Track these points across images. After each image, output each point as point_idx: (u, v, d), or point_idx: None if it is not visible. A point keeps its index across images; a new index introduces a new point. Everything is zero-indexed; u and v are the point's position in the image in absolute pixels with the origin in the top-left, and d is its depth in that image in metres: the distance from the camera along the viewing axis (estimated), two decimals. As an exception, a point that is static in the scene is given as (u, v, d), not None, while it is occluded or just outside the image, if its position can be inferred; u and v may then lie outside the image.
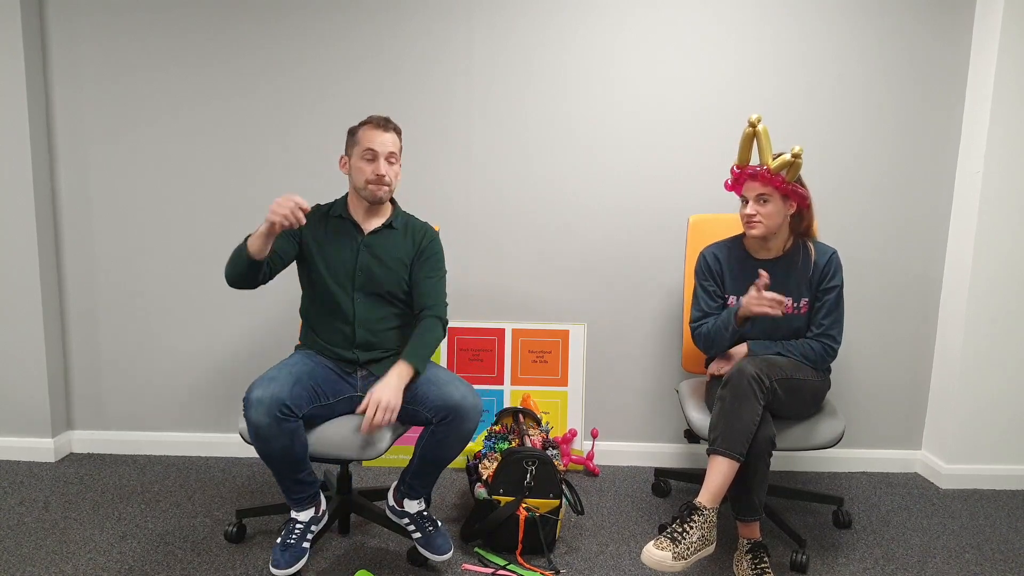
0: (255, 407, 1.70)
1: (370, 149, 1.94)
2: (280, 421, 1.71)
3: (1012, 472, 2.59)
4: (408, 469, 1.94)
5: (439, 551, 1.91)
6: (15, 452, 2.66)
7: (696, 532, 1.71)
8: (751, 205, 1.97)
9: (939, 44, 2.51)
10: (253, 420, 1.70)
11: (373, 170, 1.94)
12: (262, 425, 1.70)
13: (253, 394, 1.71)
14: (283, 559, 1.81)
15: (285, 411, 1.72)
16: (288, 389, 1.75)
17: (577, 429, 2.68)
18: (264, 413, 1.70)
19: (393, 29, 2.53)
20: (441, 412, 1.82)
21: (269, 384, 1.74)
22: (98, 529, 2.13)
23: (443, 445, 1.85)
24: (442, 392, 1.84)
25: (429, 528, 1.94)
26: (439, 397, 1.84)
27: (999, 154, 2.43)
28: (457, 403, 1.82)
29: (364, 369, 2.01)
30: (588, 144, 2.59)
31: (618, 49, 2.53)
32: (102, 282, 2.67)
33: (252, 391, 1.72)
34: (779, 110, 2.55)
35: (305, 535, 1.86)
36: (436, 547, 1.92)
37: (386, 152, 1.95)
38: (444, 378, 1.89)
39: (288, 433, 1.73)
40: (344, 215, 2.02)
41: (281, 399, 1.72)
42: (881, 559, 2.05)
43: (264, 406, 1.70)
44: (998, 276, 2.49)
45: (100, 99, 2.57)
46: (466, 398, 1.84)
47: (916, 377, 2.69)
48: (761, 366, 1.84)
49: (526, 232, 2.64)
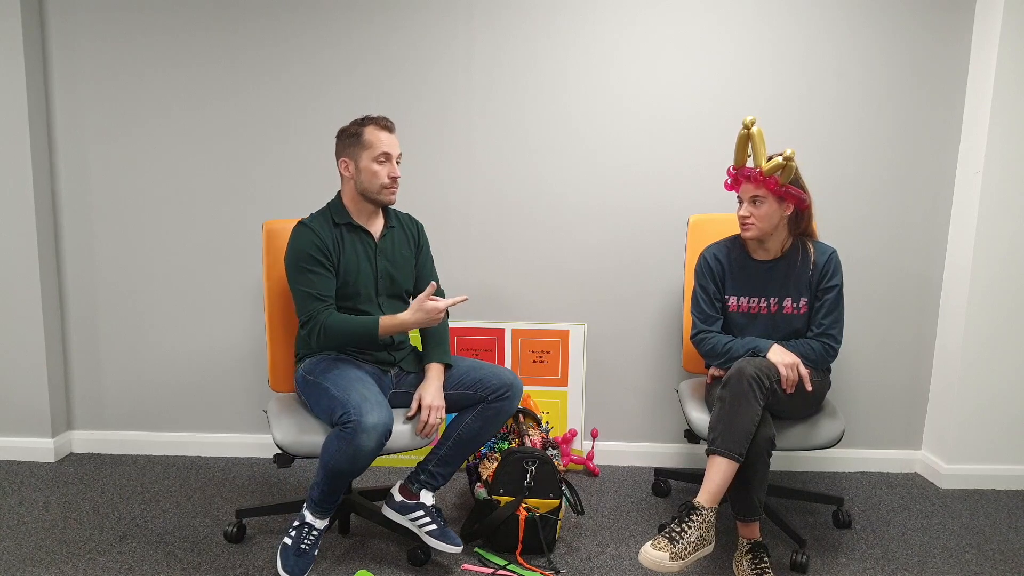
0: (369, 433, 1.68)
1: (384, 152, 1.92)
2: (382, 446, 1.74)
3: (1012, 472, 2.59)
4: (431, 458, 1.98)
5: (454, 542, 1.93)
6: (15, 452, 2.66)
7: (694, 532, 1.71)
8: (745, 207, 1.98)
9: (939, 44, 2.51)
10: (362, 445, 1.69)
11: (388, 172, 1.93)
12: (369, 450, 1.70)
13: (367, 420, 1.69)
14: (297, 566, 1.82)
15: (389, 436, 1.75)
16: (391, 413, 1.78)
17: (577, 429, 2.68)
18: (376, 439, 1.70)
19: (393, 29, 2.53)
20: (500, 389, 1.96)
21: (380, 410, 1.73)
22: (98, 529, 2.13)
23: (490, 422, 1.96)
24: (496, 372, 2.00)
25: (440, 521, 1.96)
26: (495, 376, 1.98)
27: (999, 154, 2.43)
28: (511, 381, 1.99)
29: (396, 367, 2.07)
30: (588, 144, 2.59)
31: (618, 49, 2.53)
32: (102, 282, 2.67)
33: (364, 416, 1.69)
34: (779, 110, 2.55)
35: (318, 542, 1.88)
36: (450, 538, 1.93)
37: (397, 154, 1.96)
38: (489, 364, 2.06)
39: (378, 454, 1.76)
40: (353, 223, 1.98)
41: (390, 425, 1.75)
42: (881, 559, 2.05)
43: (378, 432, 1.70)
44: (998, 276, 2.49)
45: (100, 99, 2.57)
46: (517, 378, 2.02)
47: (916, 377, 2.69)
48: (761, 366, 1.84)
49: (526, 232, 2.64)
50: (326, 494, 1.82)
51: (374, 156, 1.91)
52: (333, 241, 1.94)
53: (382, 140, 1.92)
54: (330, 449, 1.74)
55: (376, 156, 1.91)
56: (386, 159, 1.92)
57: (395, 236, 2.06)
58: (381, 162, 1.92)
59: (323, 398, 1.84)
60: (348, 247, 1.97)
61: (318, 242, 1.91)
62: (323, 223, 1.95)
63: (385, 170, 1.93)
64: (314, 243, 1.91)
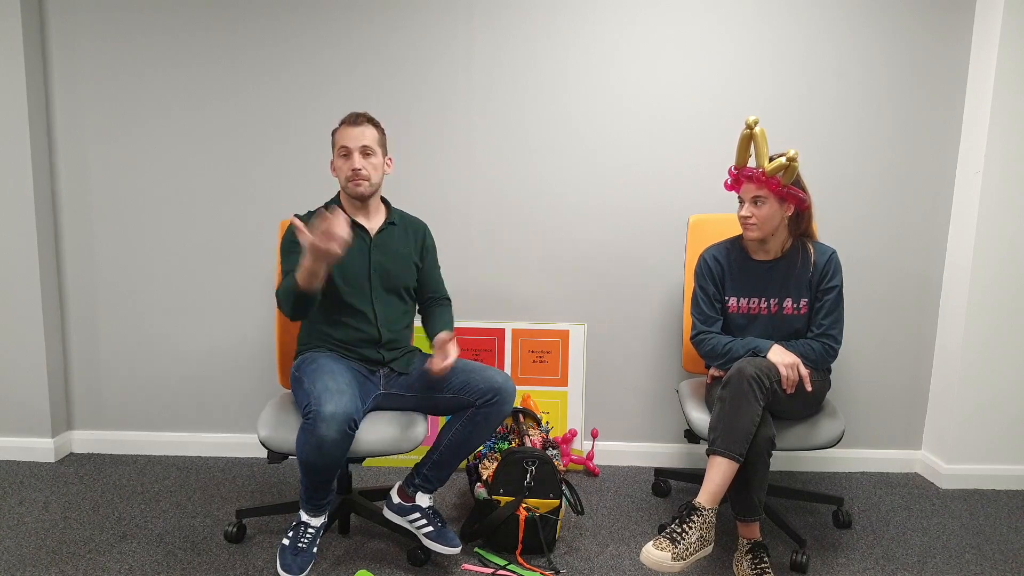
0: (328, 422, 1.67)
1: (343, 146, 1.96)
2: (347, 436, 1.71)
3: (1012, 472, 2.59)
4: (425, 462, 1.97)
5: (451, 543, 1.93)
6: (15, 452, 2.66)
7: (695, 532, 1.71)
8: (747, 207, 1.97)
9: (939, 44, 2.51)
10: (323, 435, 1.67)
11: (349, 166, 1.95)
12: (332, 440, 1.68)
13: (325, 408, 1.68)
14: (295, 564, 1.81)
15: (353, 426, 1.72)
16: (355, 402, 1.75)
17: (577, 429, 2.68)
18: (336, 429, 1.67)
19: (393, 29, 2.53)
20: (488, 394, 1.92)
21: (340, 398, 1.71)
22: (98, 529, 2.13)
23: (480, 427, 1.93)
24: (485, 376, 1.95)
25: (438, 522, 1.97)
26: (484, 380, 1.94)
27: (999, 154, 2.43)
28: (501, 385, 1.93)
29: (387, 367, 2.04)
30: (588, 144, 2.59)
31: (618, 49, 2.53)
32: (102, 282, 2.67)
33: (323, 405, 1.69)
34: (779, 110, 2.55)
35: (315, 540, 1.87)
36: (448, 539, 1.94)
37: (359, 146, 1.94)
38: (480, 366, 2.01)
39: (347, 446, 1.73)
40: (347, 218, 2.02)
41: (352, 414, 1.71)
42: (881, 559, 2.05)
43: (337, 421, 1.67)
44: (998, 276, 2.49)
45: (100, 99, 2.57)
46: (508, 381, 1.97)
47: (916, 377, 2.69)
48: (761, 367, 1.84)
49: (526, 232, 2.64)
50: (309, 490, 1.82)
51: (337, 151, 1.98)
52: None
53: (344, 135, 1.96)
54: (299, 442, 1.74)
55: (339, 151, 1.98)
56: (347, 153, 1.96)
57: (395, 233, 2.07)
58: (343, 156, 1.97)
59: (299, 392, 1.86)
60: None
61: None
62: (314, 218, 2.01)
63: (347, 164, 1.96)
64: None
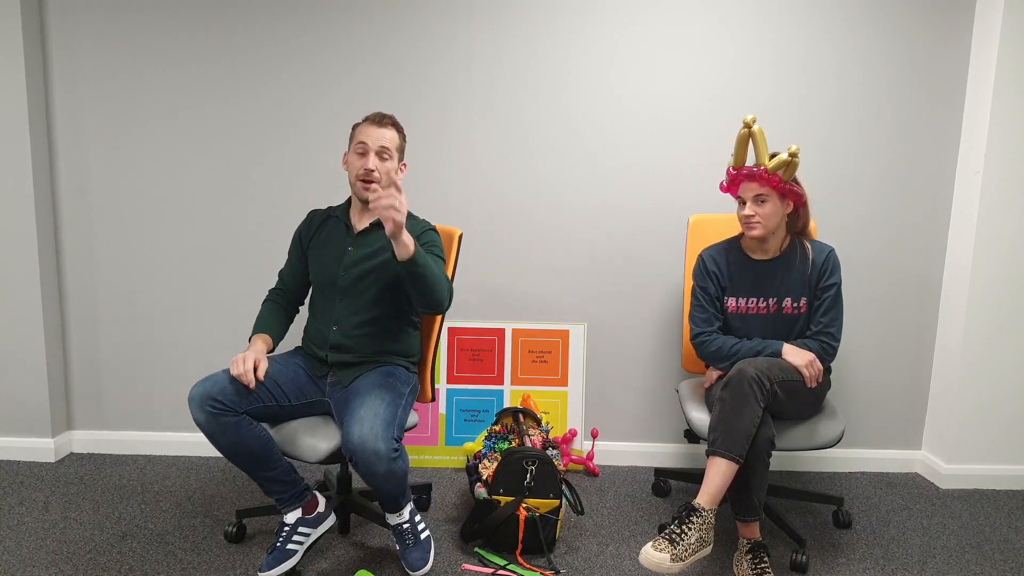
0: (191, 403, 1.73)
1: (362, 142, 1.90)
2: (215, 416, 1.71)
3: (1012, 472, 2.59)
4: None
5: (411, 567, 1.86)
6: (15, 452, 2.66)
7: (694, 533, 1.71)
8: (749, 206, 1.97)
9: (939, 44, 2.51)
10: (193, 416, 1.73)
11: (362, 164, 1.89)
12: (199, 420, 1.72)
13: (191, 392, 1.74)
14: (266, 561, 1.81)
15: (217, 406, 1.71)
16: (221, 385, 1.74)
17: (577, 429, 2.68)
18: (197, 408, 1.71)
19: (393, 29, 2.53)
20: (345, 451, 1.65)
21: (205, 381, 1.76)
22: (98, 529, 2.13)
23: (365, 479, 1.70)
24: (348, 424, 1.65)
25: (408, 541, 1.88)
26: (345, 429, 1.66)
27: (999, 154, 2.43)
28: (354, 446, 1.61)
29: (333, 374, 1.95)
30: (588, 144, 2.59)
31: (618, 49, 2.53)
32: (102, 282, 2.67)
33: (192, 389, 1.75)
34: (779, 110, 2.54)
35: (292, 537, 1.84)
36: (409, 562, 1.86)
37: (377, 146, 1.89)
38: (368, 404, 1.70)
39: (229, 428, 1.72)
40: (339, 215, 2.02)
41: (209, 394, 1.72)
42: (881, 559, 2.05)
43: (195, 402, 1.72)
44: (998, 276, 2.49)
45: (100, 99, 2.57)
46: (365, 442, 1.60)
47: (916, 377, 2.69)
48: (761, 367, 1.84)
49: (526, 232, 2.64)
50: (255, 482, 1.85)
51: (354, 147, 1.93)
52: (315, 229, 2.03)
53: (364, 132, 1.91)
54: None
55: (356, 147, 1.92)
56: (364, 151, 1.90)
57: (382, 233, 1.95)
58: (359, 153, 1.91)
59: None
60: (323, 235, 2.01)
61: (301, 228, 2.08)
62: (322, 211, 2.07)
63: (361, 162, 1.90)
64: (299, 229, 2.08)
